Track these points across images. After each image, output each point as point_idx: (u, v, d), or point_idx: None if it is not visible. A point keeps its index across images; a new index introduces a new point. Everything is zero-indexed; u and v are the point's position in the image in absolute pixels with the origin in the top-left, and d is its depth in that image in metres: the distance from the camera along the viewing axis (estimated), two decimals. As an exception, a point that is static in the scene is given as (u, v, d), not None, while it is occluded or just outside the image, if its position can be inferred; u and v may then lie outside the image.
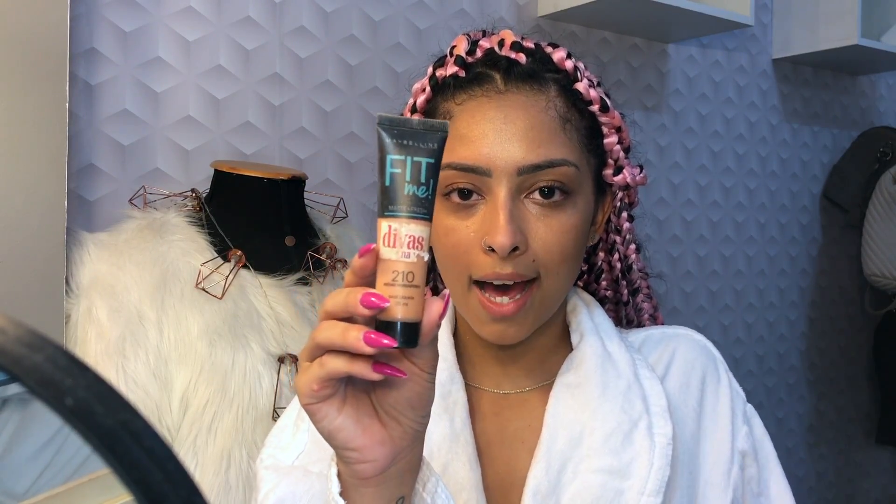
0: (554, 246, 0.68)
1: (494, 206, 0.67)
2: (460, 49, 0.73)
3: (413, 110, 0.75)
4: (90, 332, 1.03)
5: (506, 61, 0.71)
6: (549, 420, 0.72)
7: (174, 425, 1.02)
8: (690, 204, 2.16)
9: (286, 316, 1.11)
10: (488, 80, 0.70)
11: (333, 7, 1.53)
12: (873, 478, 2.64)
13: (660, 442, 0.70)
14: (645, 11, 1.81)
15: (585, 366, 0.74)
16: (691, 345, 0.79)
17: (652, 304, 0.85)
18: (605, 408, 0.71)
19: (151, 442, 0.27)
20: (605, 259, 0.83)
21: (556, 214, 0.69)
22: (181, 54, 1.37)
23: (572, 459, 0.70)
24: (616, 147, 0.75)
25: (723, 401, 0.77)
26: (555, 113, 0.70)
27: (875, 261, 2.33)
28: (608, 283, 0.84)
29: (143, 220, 1.12)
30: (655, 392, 0.73)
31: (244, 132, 1.43)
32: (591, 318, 0.78)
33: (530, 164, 0.67)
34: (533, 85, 0.70)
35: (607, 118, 0.74)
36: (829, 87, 2.51)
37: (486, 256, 0.67)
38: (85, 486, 0.44)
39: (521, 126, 0.68)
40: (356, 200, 1.54)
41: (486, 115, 0.69)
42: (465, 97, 0.71)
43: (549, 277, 0.69)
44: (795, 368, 2.42)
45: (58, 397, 0.26)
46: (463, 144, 0.69)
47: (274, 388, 1.05)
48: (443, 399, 0.74)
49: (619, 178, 0.76)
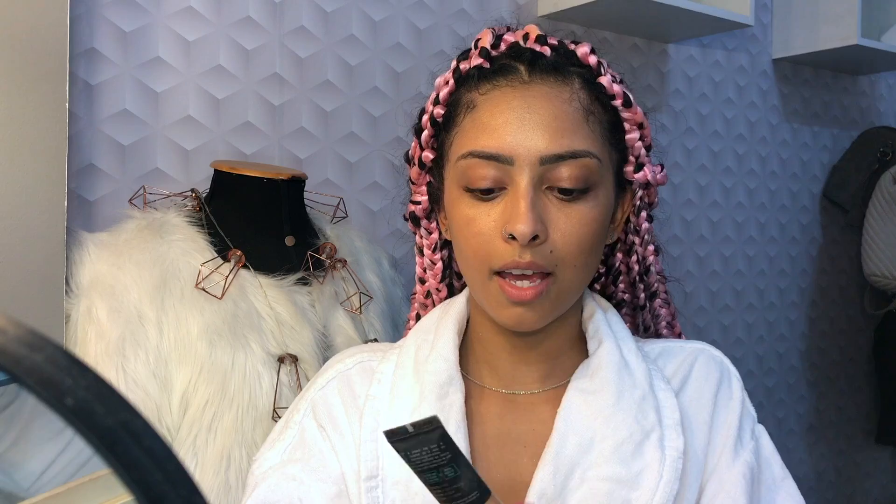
0: (572, 237, 0.68)
1: (516, 195, 0.67)
2: (485, 41, 0.73)
3: (436, 102, 0.75)
4: (90, 332, 1.03)
5: (530, 53, 0.71)
6: (559, 424, 0.71)
7: (174, 425, 1.02)
8: (690, 204, 2.16)
9: (286, 316, 1.11)
10: (513, 71, 0.71)
11: (333, 7, 1.53)
12: (873, 478, 2.64)
13: (671, 455, 0.69)
14: (645, 11, 1.81)
15: (602, 373, 0.73)
16: (709, 360, 0.78)
17: (669, 310, 0.84)
18: (619, 416, 0.70)
19: (151, 442, 0.27)
20: (622, 261, 0.82)
21: (576, 206, 0.68)
22: (181, 54, 1.37)
23: (580, 465, 0.69)
24: (638, 144, 0.75)
25: (732, 417, 0.75)
26: (578, 105, 0.70)
27: (875, 261, 2.33)
28: (626, 286, 0.83)
29: (143, 220, 1.12)
30: (669, 404, 0.72)
31: (244, 132, 1.43)
32: (609, 325, 0.77)
33: (553, 154, 0.67)
34: (557, 77, 0.70)
35: (630, 114, 0.74)
36: (829, 87, 2.51)
37: (506, 245, 0.67)
38: (85, 486, 0.44)
39: (545, 115, 0.68)
40: (356, 200, 1.54)
41: (510, 105, 0.69)
42: (490, 87, 0.71)
43: (567, 270, 0.69)
44: (795, 368, 2.42)
45: (58, 397, 0.26)
46: (486, 133, 0.69)
47: (274, 388, 1.05)
48: (438, 401, 0.73)
49: (640, 176, 0.76)
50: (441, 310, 0.81)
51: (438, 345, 0.76)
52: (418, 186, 0.80)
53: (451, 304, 0.80)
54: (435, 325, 0.79)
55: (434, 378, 0.73)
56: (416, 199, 0.81)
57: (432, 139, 0.76)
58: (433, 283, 0.85)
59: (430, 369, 0.74)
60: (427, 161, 0.77)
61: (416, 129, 0.78)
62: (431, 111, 0.75)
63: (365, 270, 1.27)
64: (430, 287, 0.85)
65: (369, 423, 0.73)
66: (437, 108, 0.75)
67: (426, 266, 0.85)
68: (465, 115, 0.72)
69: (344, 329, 1.16)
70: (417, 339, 0.79)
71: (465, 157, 0.70)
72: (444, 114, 0.74)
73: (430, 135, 0.76)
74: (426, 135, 0.76)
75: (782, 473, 0.76)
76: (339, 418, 0.76)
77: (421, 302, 0.87)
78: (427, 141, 0.77)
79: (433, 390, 0.73)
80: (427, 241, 0.83)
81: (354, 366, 0.80)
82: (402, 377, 0.76)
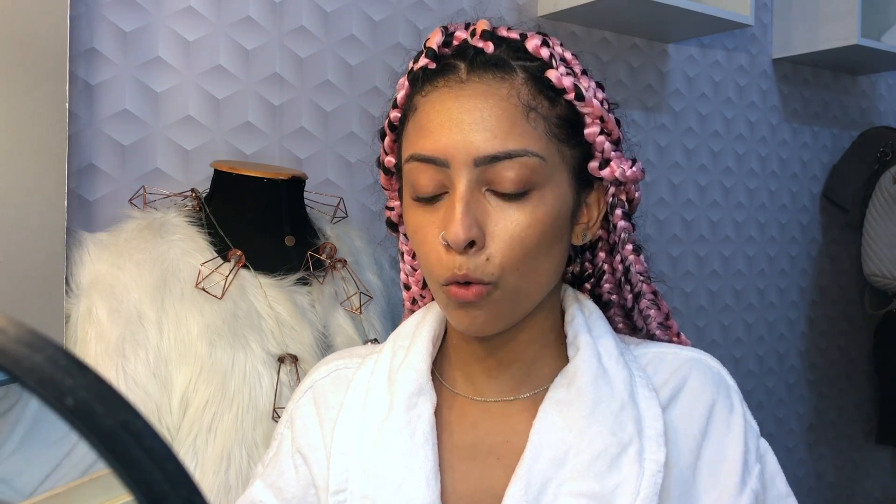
0: (514, 241, 0.65)
1: (453, 199, 0.65)
2: (433, 41, 0.71)
3: (393, 105, 0.74)
4: (90, 332, 1.03)
5: (473, 50, 0.69)
6: (533, 437, 0.68)
7: (174, 425, 1.02)
8: (690, 204, 2.16)
9: (286, 316, 1.11)
10: (453, 71, 0.68)
11: (333, 7, 1.53)
12: (873, 478, 2.64)
13: (649, 469, 0.66)
14: (645, 11, 1.81)
15: (578, 382, 0.70)
16: (704, 371, 0.74)
17: (661, 311, 0.80)
18: (594, 429, 0.67)
19: (151, 442, 0.27)
20: (606, 260, 0.78)
21: (518, 207, 0.66)
22: (181, 54, 1.37)
23: (553, 481, 0.66)
24: (600, 138, 0.71)
25: (735, 433, 0.71)
26: (517, 101, 0.66)
27: (875, 261, 2.33)
28: (611, 287, 0.79)
29: (143, 220, 1.12)
30: (652, 415, 0.69)
31: (244, 132, 1.43)
32: (590, 331, 0.73)
33: (487, 155, 0.65)
34: (496, 73, 0.67)
35: (586, 107, 0.69)
36: (829, 87, 2.51)
37: (447, 255, 0.65)
38: (85, 486, 0.44)
39: (479, 116, 0.65)
40: (356, 200, 1.54)
41: (444, 106, 0.67)
42: (430, 88, 0.69)
43: (510, 275, 0.66)
44: (795, 368, 2.42)
45: (58, 397, 0.26)
46: (423, 136, 0.67)
47: (274, 388, 1.05)
48: (406, 412, 0.71)
49: (606, 172, 0.71)
50: (420, 315, 0.80)
51: (411, 353, 0.75)
52: (391, 192, 0.79)
53: (430, 310, 0.79)
54: (412, 332, 0.78)
55: (403, 388, 0.72)
56: (390, 204, 0.80)
57: (393, 143, 0.75)
58: (416, 290, 0.83)
59: (400, 378, 0.73)
60: (390, 165, 0.76)
61: (381, 134, 0.76)
62: (389, 115, 0.74)
63: (365, 270, 1.27)
64: (414, 294, 0.84)
65: (341, 434, 0.73)
66: (393, 112, 0.74)
67: (408, 272, 0.83)
68: (409, 119, 0.71)
69: (344, 329, 1.16)
70: (394, 346, 0.78)
71: (407, 161, 0.69)
72: (400, 117, 0.73)
73: (391, 139, 0.75)
74: (388, 140, 0.75)
75: (786, 490, 0.73)
76: (313, 432, 0.76)
77: (408, 308, 0.85)
78: (389, 146, 0.75)
79: (402, 400, 0.72)
80: (406, 248, 0.82)
81: (328, 375, 0.80)
82: (376, 385, 0.75)
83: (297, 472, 0.75)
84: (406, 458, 0.69)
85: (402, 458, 0.69)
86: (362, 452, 0.71)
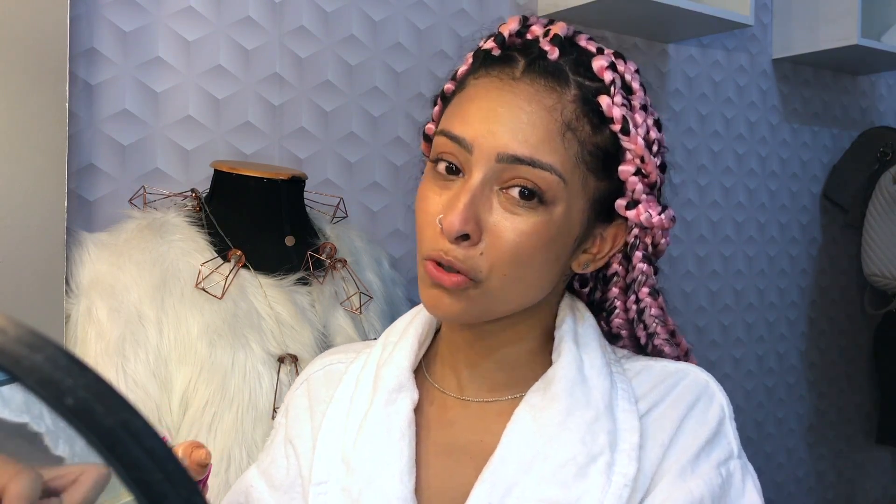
0: (508, 244, 0.64)
1: (465, 186, 0.65)
2: (506, 28, 0.71)
3: (452, 78, 0.74)
4: (90, 332, 1.03)
5: (537, 51, 0.68)
6: (504, 440, 0.68)
7: (174, 425, 1.02)
8: (690, 204, 2.16)
9: (286, 316, 1.11)
10: (510, 64, 0.68)
11: (333, 7, 1.53)
12: (873, 478, 2.64)
13: (616, 482, 0.64)
14: (645, 11, 1.81)
15: (553, 388, 0.69)
16: (691, 383, 0.71)
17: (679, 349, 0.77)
18: (564, 436, 0.66)
19: (151, 442, 0.27)
20: (619, 297, 0.76)
21: (524, 215, 0.65)
22: (181, 54, 1.37)
23: (519, 485, 0.65)
24: (633, 178, 0.69)
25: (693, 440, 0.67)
26: (559, 116, 0.65)
27: (875, 261, 2.33)
28: (622, 323, 0.77)
29: (143, 220, 1.12)
30: (628, 427, 0.67)
31: (244, 132, 1.43)
32: (576, 337, 0.72)
33: (511, 154, 0.64)
34: (549, 81, 0.67)
35: (629, 143, 0.68)
36: (829, 87, 2.51)
37: (439, 234, 0.65)
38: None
39: (515, 116, 0.65)
40: (356, 200, 1.54)
41: (488, 95, 0.67)
42: (483, 74, 0.69)
43: (496, 277, 0.65)
44: (795, 368, 2.42)
45: (58, 397, 0.26)
46: (459, 116, 0.68)
47: (274, 388, 1.05)
48: (385, 407, 0.72)
49: (632, 214, 0.70)
50: (414, 312, 0.80)
51: (397, 349, 0.76)
52: None
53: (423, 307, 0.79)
54: (403, 328, 0.79)
55: (384, 384, 0.73)
56: None
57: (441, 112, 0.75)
58: None
59: (384, 374, 0.74)
60: (430, 133, 0.76)
61: (433, 102, 0.76)
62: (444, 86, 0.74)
63: (365, 270, 1.27)
64: None
65: (328, 427, 0.74)
66: (448, 84, 0.74)
67: None
68: (457, 94, 0.71)
69: (344, 329, 1.16)
70: (385, 341, 0.79)
71: (438, 133, 0.69)
72: (452, 90, 0.73)
73: (438, 109, 0.75)
74: (436, 109, 0.75)
75: None
76: (304, 423, 0.78)
77: None
78: (436, 114, 0.75)
79: (383, 396, 0.72)
80: None
81: (322, 369, 0.81)
82: (364, 379, 0.76)
83: (287, 461, 0.77)
84: (383, 452, 0.70)
85: (380, 452, 0.70)
86: (344, 446, 0.72)
